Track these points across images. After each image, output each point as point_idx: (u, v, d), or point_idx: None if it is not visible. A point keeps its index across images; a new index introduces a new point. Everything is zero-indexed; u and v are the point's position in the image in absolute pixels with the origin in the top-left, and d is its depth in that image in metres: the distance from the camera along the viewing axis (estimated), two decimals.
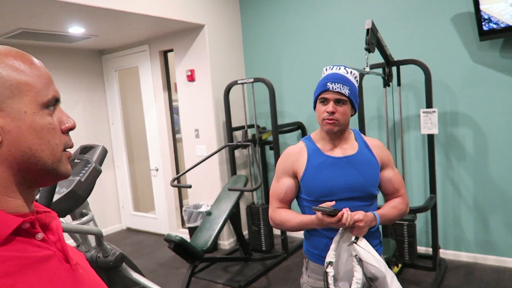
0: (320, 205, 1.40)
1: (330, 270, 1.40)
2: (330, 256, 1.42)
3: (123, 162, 5.02)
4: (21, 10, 2.90)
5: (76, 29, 3.62)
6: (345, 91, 1.44)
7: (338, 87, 1.44)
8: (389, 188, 1.58)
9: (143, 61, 4.56)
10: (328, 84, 1.45)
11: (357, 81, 1.52)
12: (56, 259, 0.61)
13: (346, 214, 1.36)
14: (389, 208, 1.56)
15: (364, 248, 1.41)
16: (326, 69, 1.53)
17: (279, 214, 1.58)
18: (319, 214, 1.41)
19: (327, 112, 1.45)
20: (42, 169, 0.61)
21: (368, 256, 1.40)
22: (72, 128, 0.65)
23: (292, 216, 1.55)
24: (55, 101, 0.63)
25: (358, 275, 1.37)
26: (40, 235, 0.61)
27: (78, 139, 2.05)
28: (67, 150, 0.66)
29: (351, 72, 1.50)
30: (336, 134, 1.51)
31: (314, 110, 1.55)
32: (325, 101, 1.47)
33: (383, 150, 1.59)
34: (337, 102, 1.46)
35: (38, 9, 2.90)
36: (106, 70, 4.94)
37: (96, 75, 4.90)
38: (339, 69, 1.50)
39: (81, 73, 4.71)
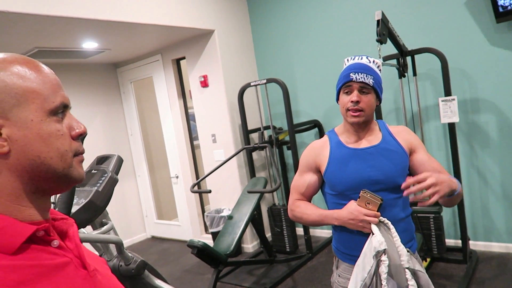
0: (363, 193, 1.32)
1: (385, 259, 1.20)
2: (381, 242, 1.22)
3: (144, 171, 5.08)
4: (36, 30, 2.98)
5: (89, 44, 3.70)
6: (369, 80, 1.40)
7: (361, 77, 1.40)
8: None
9: (157, 70, 4.61)
10: (351, 74, 1.41)
11: (380, 70, 1.48)
12: (72, 266, 0.61)
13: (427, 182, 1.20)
14: None
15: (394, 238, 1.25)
16: (348, 60, 1.50)
17: (299, 206, 1.54)
18: (353, 205, 1.35)
19: (352, 101, 1.41)
20: (53, 176, 0.60)
21: (418, 265, 1.26)
22: (82, 134, 0.63)
23: (312, 209, 1.50)
24: (64, 107, 0.62)
25: None
26: (56, 242, 0.61)
27: (98, 152, 2.09)
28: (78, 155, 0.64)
29: (373, 61, 1.46)
30: (361, 126, 1.46)
31: (337, 102, 1.50)
32: (349, 91, 1.43)
33: (409, 134, 1.50)
34: (362, 91, 1.41)
35: (52, 27, 2.97)
36: (122, 83, 5.03)
37: (112, 88, 4.99)
38: (361, 58, 1.47)
39: (98, 87, 4.81)
